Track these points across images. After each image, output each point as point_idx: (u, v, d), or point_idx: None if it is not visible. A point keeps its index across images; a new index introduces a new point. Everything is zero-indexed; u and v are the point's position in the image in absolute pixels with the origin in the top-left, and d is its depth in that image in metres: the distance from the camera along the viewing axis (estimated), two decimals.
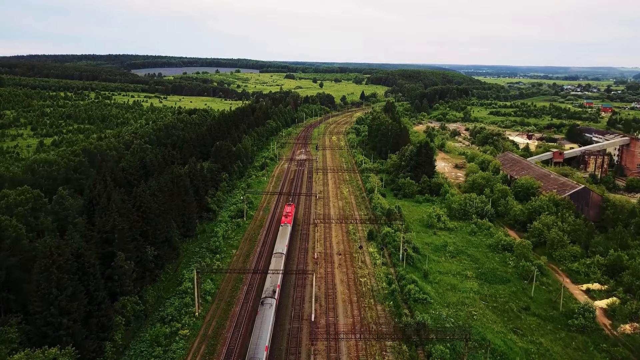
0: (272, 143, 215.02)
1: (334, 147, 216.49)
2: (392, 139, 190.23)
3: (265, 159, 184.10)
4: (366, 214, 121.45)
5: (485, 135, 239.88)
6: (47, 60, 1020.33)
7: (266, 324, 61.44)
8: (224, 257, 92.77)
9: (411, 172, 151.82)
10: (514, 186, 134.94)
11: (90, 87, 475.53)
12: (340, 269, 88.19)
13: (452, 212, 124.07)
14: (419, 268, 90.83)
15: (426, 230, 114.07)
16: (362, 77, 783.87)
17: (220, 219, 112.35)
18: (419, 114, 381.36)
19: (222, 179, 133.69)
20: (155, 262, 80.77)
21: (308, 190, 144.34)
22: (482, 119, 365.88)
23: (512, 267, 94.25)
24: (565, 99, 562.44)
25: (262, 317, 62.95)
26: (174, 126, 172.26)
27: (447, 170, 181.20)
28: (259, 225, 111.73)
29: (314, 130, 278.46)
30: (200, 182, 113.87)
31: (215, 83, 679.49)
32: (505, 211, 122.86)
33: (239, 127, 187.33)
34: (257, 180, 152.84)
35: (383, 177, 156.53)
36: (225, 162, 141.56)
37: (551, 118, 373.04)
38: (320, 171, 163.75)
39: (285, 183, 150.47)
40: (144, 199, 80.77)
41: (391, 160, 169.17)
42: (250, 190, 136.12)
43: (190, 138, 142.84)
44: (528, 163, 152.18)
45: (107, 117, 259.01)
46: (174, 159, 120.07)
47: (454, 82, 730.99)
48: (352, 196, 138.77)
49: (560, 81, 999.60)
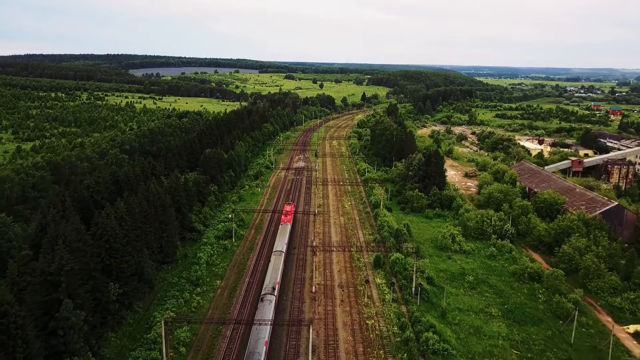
0: (269, 149, 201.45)
1: (335, 154, 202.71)
2: (397, 145, 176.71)
3: (260, 166, 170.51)
4: (371, 233, 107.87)
5: (495, 141, 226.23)
6: (44, 60, 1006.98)
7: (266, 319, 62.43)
8: (205, 290, 79.12)
9: (419, 183, 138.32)
10: (534, 201, 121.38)
11: (84, 87, 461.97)
12: (343, 307, 74.60)
13: (468, 230, 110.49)
14: (436, 304, 77.33)
15: (440, 253, 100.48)
16: (362, 78, 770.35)
17: (205, 240, 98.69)
18: (422, 116, 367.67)
19: (211, 192, 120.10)
20: (121, 302, 67.29)
21: (306, 203, 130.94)
22: (487, 122, 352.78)
23: (543, 302, 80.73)
24: (570, 101, 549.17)
25: (261, 313, 64.32)
26: (161, 132, 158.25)
27: (457, 180, 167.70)
28: (249, 248, 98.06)
29: (313, 134, 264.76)
30: (184, 198, 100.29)
31: (214, 83, 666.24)
32: (527, 230, 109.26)
33: (232, 132, 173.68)
34: (250, 192, 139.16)
35: (388, 187, 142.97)
36: (214, 172, 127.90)
37: (559, 121, 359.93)
38: (320, 183, 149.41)
39: (280, 195, 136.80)
40: (108, 226, 67.19)
41: (397, 169, 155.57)
42: (240, 206, 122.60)
43: (176, 146, 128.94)
44: (548, 174, 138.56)
45: (96, 120, 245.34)
46: (155, 171, 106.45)
47: (456, 83, 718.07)
48: (354, 210, 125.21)
49: (563, 82, 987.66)
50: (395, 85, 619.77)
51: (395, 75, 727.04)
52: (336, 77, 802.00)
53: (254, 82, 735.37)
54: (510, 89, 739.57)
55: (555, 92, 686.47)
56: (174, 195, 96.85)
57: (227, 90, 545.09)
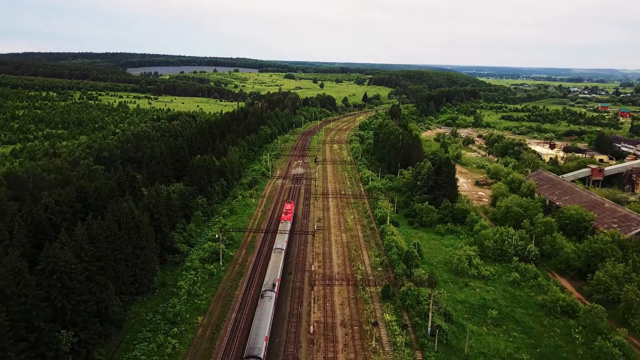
0: (265, 153, 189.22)
1: (336, 160, 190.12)
2: (403, 151, 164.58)
3: (255, 173, 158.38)
4: (377, 254, 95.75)
5: (505, 145, 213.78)
6: (42, 58, 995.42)
7: (266, 315, 63.69)
8: (184, 330, 66.98)
9: (429, 194, 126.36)
10: (557, 216, 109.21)
11: (77, 86, 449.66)
12: (347, 354, 62.52)
13: (485, 251, 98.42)
14: (456, 348, 65.30)
15: (455, 279, 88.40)
16: (364, 78, 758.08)
17: (188, 264, 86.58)
18: (426, 117, 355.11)
19: (198, 206, 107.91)
20: (76, 351, 55.28)
21: (304, 216, 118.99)
22: (494, 124, 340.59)
23: (581, 345, 68.66)
24: (575, 102, 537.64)
25: (262, 310, 65.03)
26: (147, 136, 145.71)
27: (467, 189, 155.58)
28: (239, 273, 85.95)
29: (313, 137, 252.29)
30: (165, 216, 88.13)
31: (212, 83, 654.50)
32: (553, 252, 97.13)
33: (226, 136, 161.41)
34: (244, 203, 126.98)
35: (395, 198, 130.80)
36: (203, 182, 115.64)
37: (568, 124, 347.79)
38: (319, 196, 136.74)
39: (276, 208, 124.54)
40: (61, 260, 55.14)
41: (403, 178, 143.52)
42: (232, 220, 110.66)
43: (161, 153, 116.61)
44: (570, 185, 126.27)
45: (84, 121, 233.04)
46: (135, 184, 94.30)
47: (459, 83, 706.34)
48: (358, 226, 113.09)
49: (566, 83, 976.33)
50: (397, 86, 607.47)
51: (397, 75, 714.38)
52: (337, 77, 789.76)
53: (254, 81, 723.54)
54: (513, 89, 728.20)
55: (559, 93, 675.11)
56: (154, 212, 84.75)
57: (225, 90, 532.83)
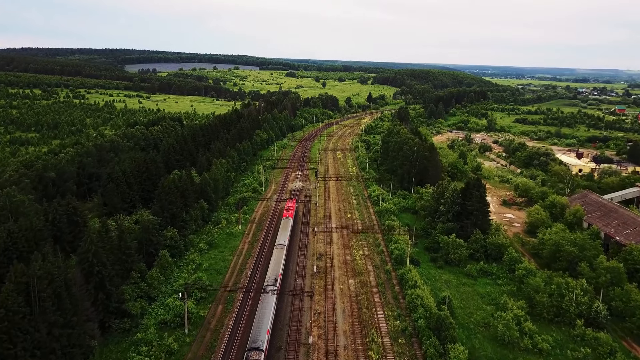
0: (259, 163, 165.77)
1: (340, 174, 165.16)
2: (418, 164, 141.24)
3: (246, 189, 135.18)
4: (397, 315, 72.54)
5: (529, 155, 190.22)
6: (39, 53, 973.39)
7: (268, 310, 63.29)
8: None
9: (454, 221, 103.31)
10: (621, 257, 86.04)
11: (66, 83, 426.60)
12: None
13: (536, 307, 75.40)
14: None
15: (503, 353, 65.30)
16: (367, 77, 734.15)
17: (141, 334, 63.36)
18: (435, 120, 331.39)
19: (167, 241, 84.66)
20: None
21: (301, 251, 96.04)
22: (508, 128, 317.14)
23: None
24: (587, 104, 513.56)
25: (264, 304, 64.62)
26: (116, 147, 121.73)
27: (494, 209, 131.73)
28: (209, 348, 62.68)
29: (313, 143, 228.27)
30: (111, 267, 64.98)
31: (211, 80, 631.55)
32: (626, 311, 74.04)
33: (212, 145, 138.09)
34: (227, 232, 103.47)
35: (413, 225, 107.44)
36: (175, 208, 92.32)
37: (587, 128, 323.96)
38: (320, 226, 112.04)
39: (266, 241, 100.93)
40: None
41: (422, 199, 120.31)
42: (209, 257, 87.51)
43: (123, 172, 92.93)
44: (631, 215, 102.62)
45: (60, 124, 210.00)
46: (78, 219, 71.15)
47: (465, 83, 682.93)
48: (369, 267, 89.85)
49: (573, 84, 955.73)
50: (402, 85, 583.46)
51: (402, 74, 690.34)
52: (339, 76, 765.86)
53: (254, 79, 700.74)
54: (521, 89, 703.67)
55: (569, 94, 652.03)
56: (94, 263, 61.69)
57: (223, 89, 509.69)
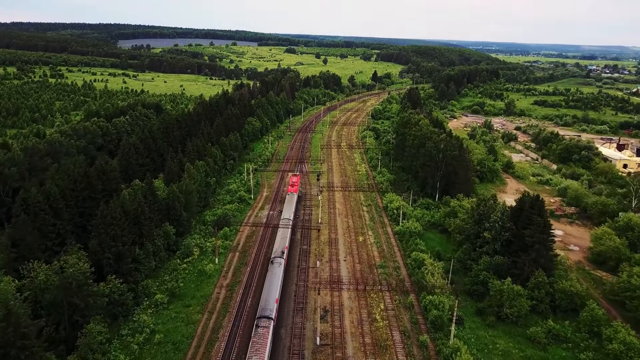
0: (248, 161, 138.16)
1: (347, 177, 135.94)
2: (445, 166, 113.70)
3: (230, 197, 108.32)
4: None
5: (567, 148, 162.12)
6: (30, 28, 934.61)
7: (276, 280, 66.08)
8: None
9: (505, 254, 76.79)
10: None
11: (46, 60, 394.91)
12: None
13: None
14: None
15: None
16: (370, 53, 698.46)
17: None
18: (448, 102, 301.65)
19: (101, 303, 57.96)
20: None
21: (297, 307, 69.84)
22: (528, 111, 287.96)
23: None
24: (602, 82, 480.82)
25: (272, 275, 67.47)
26: (53, 150, 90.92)
27: None
28: None
29: (314, 133, 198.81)
30: None
31: (207, 57, 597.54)
32: None
33: (188, 143, 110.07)
34: (198, 269, 76.43)
35: (451, 256, 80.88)
36: (122, 245, 65.30)
37: (614, 111, 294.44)
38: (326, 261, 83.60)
39: (251, 285, 74.52)
40: None
41: (456, 218, 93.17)
42: (162, 329, 61.07)
43: (49, 195, 65.39)
44: None
45: (21, 109, 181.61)
46: None
47: (472, 60, 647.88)
48: (394, 334, 63.52)
49: (582, 61, 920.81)
50: (408, 62, 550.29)
51: (407, 50, 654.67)
52: (341, 52, 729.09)
53: (252, 55, 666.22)
54: (530, 67, 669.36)
55: (582, 72, 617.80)
56: None
57: (218, 66, 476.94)
